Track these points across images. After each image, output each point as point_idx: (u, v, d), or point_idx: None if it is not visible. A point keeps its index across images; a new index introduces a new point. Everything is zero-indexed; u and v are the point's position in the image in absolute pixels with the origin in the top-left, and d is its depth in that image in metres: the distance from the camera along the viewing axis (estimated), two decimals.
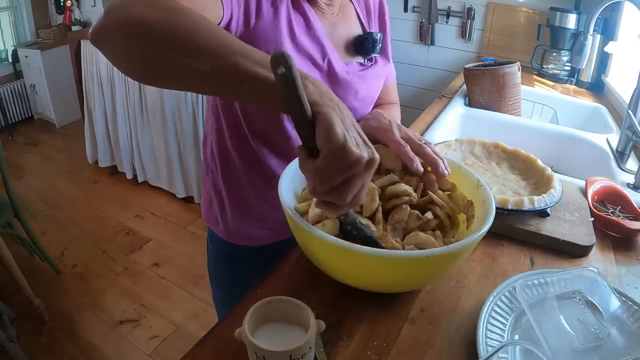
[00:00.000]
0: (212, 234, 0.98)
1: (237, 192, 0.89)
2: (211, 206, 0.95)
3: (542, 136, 1.38)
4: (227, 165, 0.87)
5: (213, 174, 0.91)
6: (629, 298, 0.65)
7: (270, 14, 0.72)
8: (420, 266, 0.57)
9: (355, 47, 0.85)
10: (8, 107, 3.76)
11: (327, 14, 0.81)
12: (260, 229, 0.91)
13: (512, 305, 0.64)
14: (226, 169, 0.88)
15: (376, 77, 0.89)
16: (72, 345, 1.88)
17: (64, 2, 3.66)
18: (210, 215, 0.96)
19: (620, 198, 0.93)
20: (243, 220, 0.91)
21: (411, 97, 2.69)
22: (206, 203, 0.97)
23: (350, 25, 0.85)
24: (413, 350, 0.59)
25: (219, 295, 1.05)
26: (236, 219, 0.91)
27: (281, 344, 0.50)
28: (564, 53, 1.95)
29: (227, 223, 0.92)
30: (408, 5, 2.49)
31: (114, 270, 2.31)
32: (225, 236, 0.94)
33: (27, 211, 2.64)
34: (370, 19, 0.90)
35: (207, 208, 0.97)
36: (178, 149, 2.67)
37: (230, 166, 0.87)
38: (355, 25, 0.86)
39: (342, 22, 0.84)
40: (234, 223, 0.91)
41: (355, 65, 0.85)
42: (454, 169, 0.74)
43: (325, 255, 0.61)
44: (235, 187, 0.89)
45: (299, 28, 0.75)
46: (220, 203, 0.92)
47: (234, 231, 0.92)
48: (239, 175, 0.87)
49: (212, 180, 0.92)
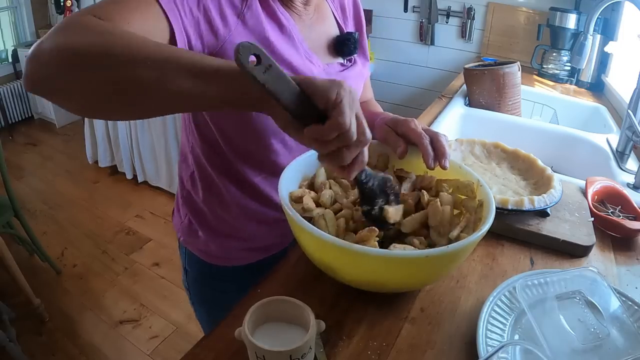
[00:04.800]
0: (191, 255, 0.91)
1: (220, 214, 0.85)
2: (190, 228, 0.89)
3: (542, 136, 1.38)
4: (209, 187, 0.83)
5: (192, 195, 0.87)
6: (629, 298, 0.65)
7: (238, 25, 0.67)
8: (420, 266, 0.57)
9: (336, 48, 0.82)
10: (8, 107, 3.75)
11: (303, 15, 0.77)
12: (245, 250, 0.88)
13: (512, 305, 0.64)
14: (207, 190, 0.84)
15: (357, 77, 0.87)
16: (72, 345, 1.88)
17: (64, 2, 3.66)
18: (190, 237, 0.90)
19: (620, 198, 0.93)
20: (228, 242, 0.87)
21: (411, 97, 2.69)
22: (184, 225, 0.90)
23: (327, 25, 0.83)
24: (413, 350, 0.59)
25: (204, 316, 1.00)
26: (220, 241, 0.87)
27: (281, 344, 0.50)
28: (564, 53, 1.95)
29: (211, 245, 0.88)
30: (408, 5, 2.49)
31: (114, 270, 2.31)
32: (209, 258, 0.89)
33: (27, 211, 2.64)
34: (346, 18, 0.88)
35: (185, 230, 0.90)
36: (178, 149, 2.67)
37: (211, 187, 0.83)
38: (332, 26, 0.84)
39: (318, 23, 0.80)
40: (219, 245, 0.87)
41: (335, 66, 0.82)
42: (454, 169, 0.74)
43: (326, 255, 0.61)
44: (219, 209, 0.84)
45: (274, 35, 0.70)
46: (202, 225, 0.87)
47: (219, 253, 0.88)
48: (221, 196, 0.82)
49: (192, 202, 0.87)
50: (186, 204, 0.89)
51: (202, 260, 0.90)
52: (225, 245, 0.87)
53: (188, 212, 0.89)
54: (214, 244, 0.88)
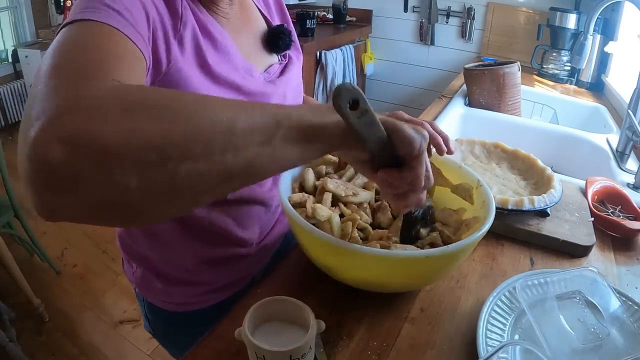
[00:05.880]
0: (150, 304, 0.84)
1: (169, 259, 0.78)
2: (144, 279, 0.81)
3: (542, 136, 1.38)
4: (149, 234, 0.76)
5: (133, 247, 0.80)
6: (629, 298, 0.65)
7: (176, 50, 0.59)
8: (420, 266, 0.57)
9: (270, 44, 0.77)
10: (8, 107, 3.75)
11: (231, 17, 0.70)
12: (207, 293, 0.81)
13: (512, 305, 0.64)
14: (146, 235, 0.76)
15: (296, 73, 0.82)
16: (72, 345, 1.88)
17: (64, 2, 3.66)
18: (145, 288, 0.83)
19: (620, 198, 0.93)
20: (188, 290, 0.80)
21: (411, 97, 2.69)
22: (137, 275, 0.82)
23: (255, 23, 0.78)
24: (413, 350, 0.59)
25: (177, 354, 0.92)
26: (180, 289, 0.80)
27: (281, 344, 0.50)
28: (564, 53, 1.95)
29: (171, 294, 0.81)
30: (408, 5, 2.49)
31: (114, 270, 2.30)
32: (171, 307, 0.82)
33: (27, 211, 2.64)
34: (271, 11, 0.83)
35: (139, 281, 0.83)
36: None
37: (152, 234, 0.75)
38: (259, 22, 0.79)
39: (247, 24, 0.75)
40: (179, 293, 0.80)
41: (275, 68, 0.77)
42: (454, 169, 0.74)
43: (325, 255, 0.61)
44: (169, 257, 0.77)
45: (210, 56, 0.64)
46: (156, 276, 0.80)
47: (180, 300, 0.81)
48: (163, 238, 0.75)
49: (136, 253, 0.80)
50: (131, 255, 0.82)
51: (163, 309, 0.82)
52: (184, 292, 0.81)
53: (136, 263, 0.81)
54: (172, 292, 0.80)
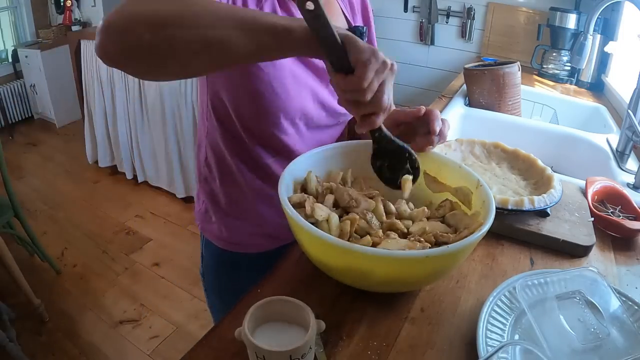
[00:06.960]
0: (207, 242, 0.95)
1: (235, 198, 0.88)
2: (207, 214, 0.93)
3: (542, 136, 1.38)
4: (223, 170, 0.86)
5: (208, 180, 0.90)
6: (629, 298, 0.65)
7: None
8: (420, 266, 0.57)
9: None
10: (8, 107, 3.75)
11: None
12: (259, 236, 0.90)
13: (512, 305, 0.64)
14: (222, 174, 0.87)
15: None
16: (72, 345, 1.88)
17: (64, 2, 3.66)
18: (206, 223, 0.94)
19: (620, 198, 0.93)
20: (242, 227, 0.90)
21: (411, 97, 2.69)
22: (201, 211, 0.95)
23: (335, 21, 0.83)
24: (413, 350, 0.59)
25: (216, 303, 1.03)
26: (234, 226, 0.90)
27: (281, 344, 0.50)
28: (564, 53, 1.95)
29: (225, 230, 0.90)
30: (408, 5, 2.49)
31: (114, 270, 2.31)
32: (223, 244, 0.92)
33: (27, 211, 2.64)
34: (355, 14, 0.89)
35: (202, 216, 0.94)
36: (178, 149, 2.67)
37: (226, 171, 0.86)
38: (340, 21, 0.86)
39: None
40: (233, 230, 0.90)
41: None
42: (454, 169, 0.74)
43: (325, 255, 0.61)
44: (233, 192, 0.87)
45: None
46: (217, 210, 0.90)
47: (233, 239, 0.91)
48: (236, 179, 0.85)
49: (208, 187, 0.90)
50: (203, 190, 0.92)
51: (216, 246, 0.93)
52: (238, 229, 0.90)
53: (204, 197, 0.92)
54: (226, 228, 0.90)
